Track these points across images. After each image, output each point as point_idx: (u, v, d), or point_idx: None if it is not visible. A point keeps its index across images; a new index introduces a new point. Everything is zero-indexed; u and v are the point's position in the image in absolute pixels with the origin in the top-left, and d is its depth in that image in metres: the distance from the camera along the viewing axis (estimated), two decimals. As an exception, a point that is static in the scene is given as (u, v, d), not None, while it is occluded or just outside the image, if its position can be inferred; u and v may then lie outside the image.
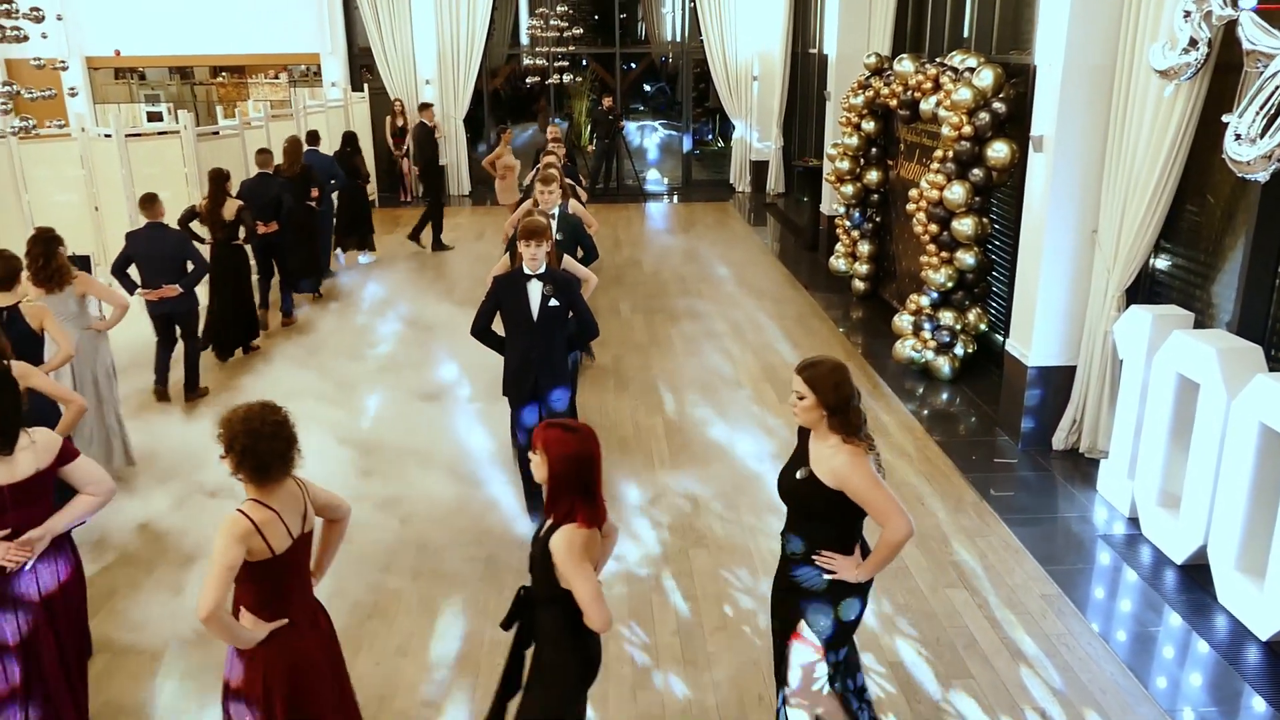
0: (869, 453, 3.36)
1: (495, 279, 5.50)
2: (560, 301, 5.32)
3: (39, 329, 5.16)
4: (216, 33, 16.41)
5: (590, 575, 2.99)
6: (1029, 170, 6.66)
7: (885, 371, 8.34)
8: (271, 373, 8.23)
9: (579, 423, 3.20)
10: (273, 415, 3.07)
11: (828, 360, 3.39)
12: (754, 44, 16.84)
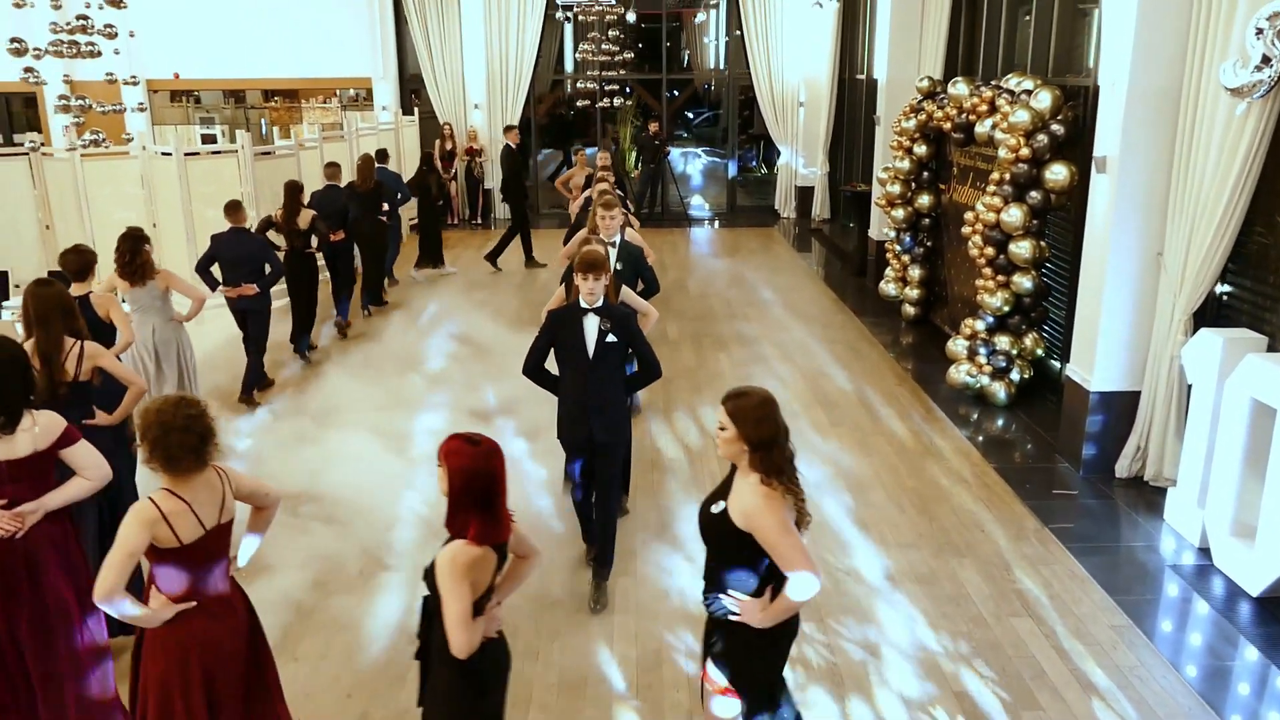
0: (787, 497, 3.12)
1: (549, 314, 5.15)
2: (618, 338, 4.98)
3: (105, 317, 5.48)
4: (271, 57, 16.72)
5: (462, 596, 2.86)
6: (1091, 192, 6.54)
7: (938, 396, 8.21)
8: (329, 377, 8.57)
9: (483, 436, 3.03)
10: (186, 409, 3.16)
11: (756, 393, 3.17)
12: (800, 70, 16.83)
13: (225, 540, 3.32)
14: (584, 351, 4.97)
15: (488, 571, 2.99)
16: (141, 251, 6.27)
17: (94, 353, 4.55)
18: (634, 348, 5.10)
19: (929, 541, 5.75)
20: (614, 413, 5.10)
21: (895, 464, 6.86)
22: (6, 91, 17.00)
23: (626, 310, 5.19)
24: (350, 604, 5.09)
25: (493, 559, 3.00)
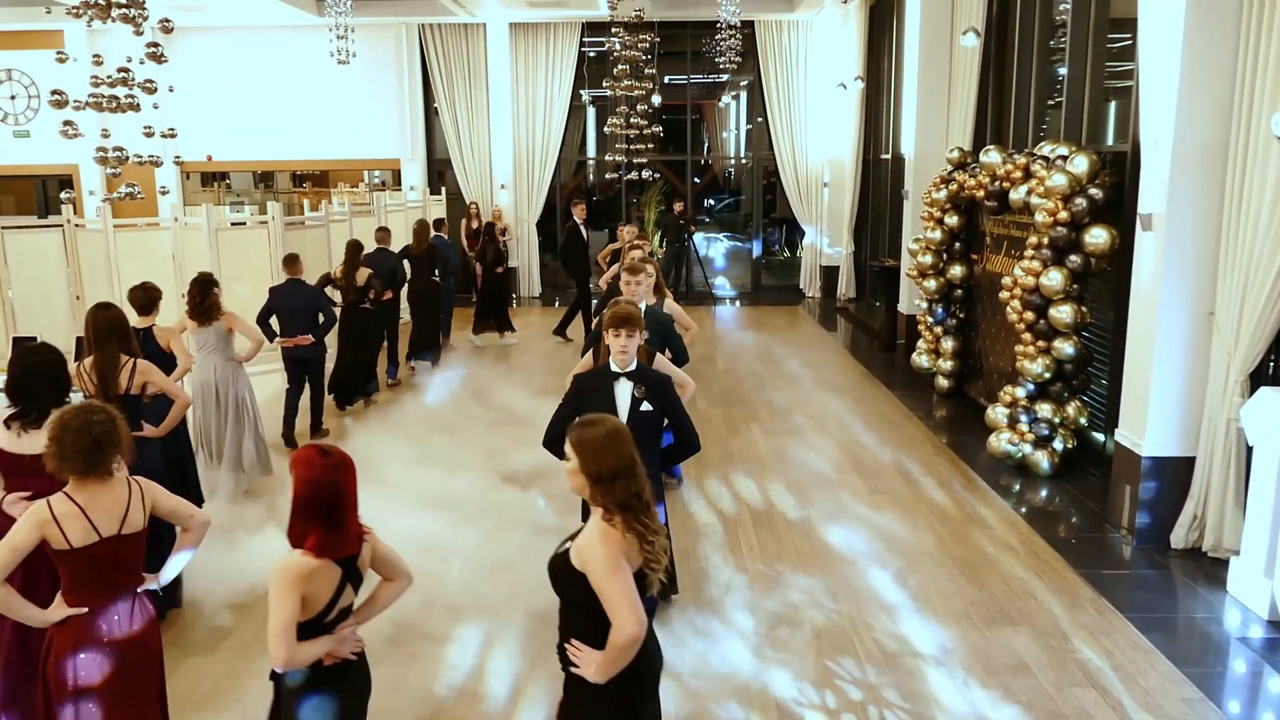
0: (628, 537, 2.82)
1: (576, 378, 4.69)
2: (654, 405, 4.46)
3: (166, 347, 6.13)
4: (303, 139, 17.01)
5: (287, 607, 2.82)
6: (1137, 251, 6.40)
7: (978, 466, 7.96)
8: (366, 430, 8.81)
9: (334, 448, 3.00)
10: (90, 415, 3.22)
11: (606, 423, 2.94)
12: (824, 151, 16.98)
13: (128, 552, 3.32)
14: None
15: (326, 586, 2.93)
16: (211, 294, 6.85)
17: (145, 369, 5.06)
18: (670, 417, 4.57)
19: (980, 610, 5.46)
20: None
21: (940, 532, 6.59)
22: (44, 174, 17.36)
23: (663, 376, 4.68)
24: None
25: (333, 574, 2.94)
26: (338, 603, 2.98)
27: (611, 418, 3.02)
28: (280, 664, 2.83)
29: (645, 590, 2.85)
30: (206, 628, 5.30)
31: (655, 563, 2.87)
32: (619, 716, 2.91)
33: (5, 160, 16.78)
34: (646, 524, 2.86)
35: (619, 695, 2.87)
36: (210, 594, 5.55)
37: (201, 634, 5.24)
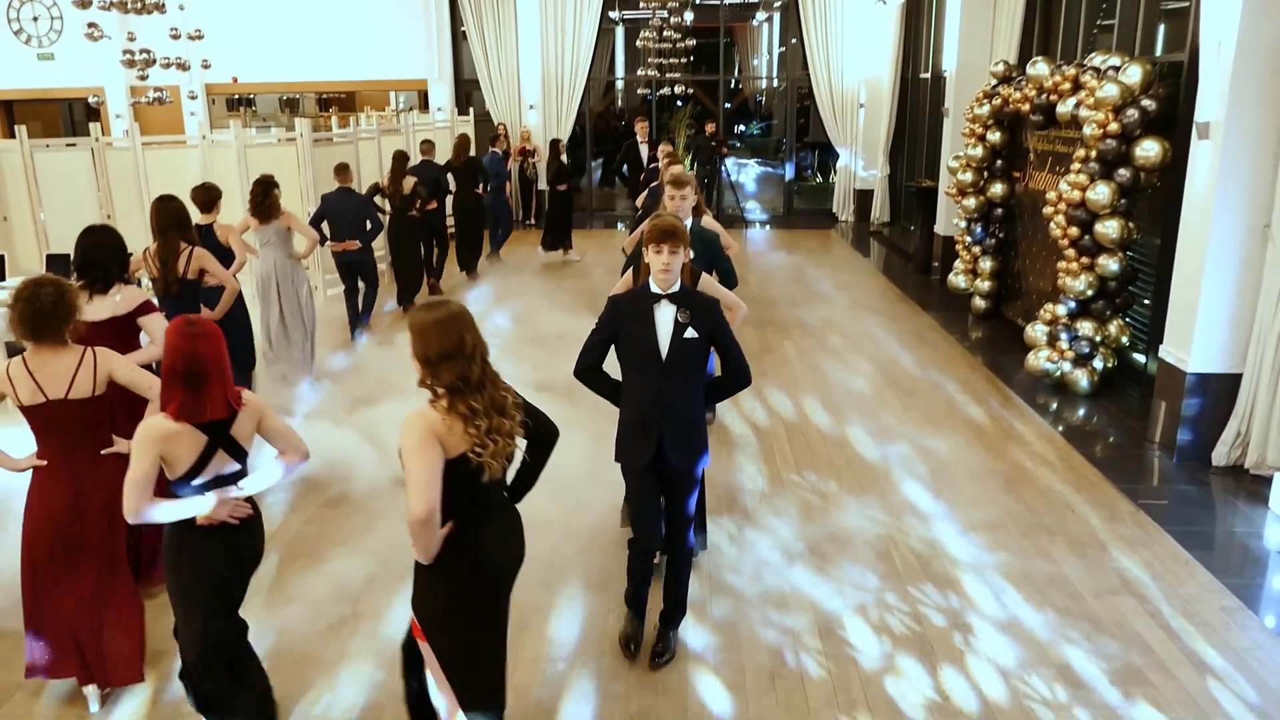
0: (449, 421, 2.83)
1: (611, 300, 4.05)
2: (699, 332, 3.87)
3: (225, 243, 6.67)
4: (329, 60, 16.76)
5: (140, 463, 3.05)
6: (1191, 161, 6.19)
7: (1015, 385, 7.85)
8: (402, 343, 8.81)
9: (201, 320, 3.19)
10: (37, 287, 3.53)
11: (444, 306, 2.91)
12: (861, 71, 16.55)
13: (78, 414, 3.65)
14: (655, 349, 3.84)
15: (189, 449, 3.12)
16: (271, 195, 7.37)
17: (200, 256, 5.59)
18: (718, 345, 3.96)
19: (1016, 520, 5.42)
20: (691, 430, 3.96)
21: (976, 446, 6.53)
22: (70, 98, 17.26)
23: (710, 299, 4.02)
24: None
25: (196, 439, 3.12)
26: (206, 467, 3.14)
27: (454, 302, 2.99)
28: (129, 515, 3.07)
29: (477, 474, 2.88)
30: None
31: (481, 447, 2.86)
32: (450, 601, 2.95)
33: (30, 84, 16.66)
34: (474, 408, 2.86)
35: (450, 580, 2.93)
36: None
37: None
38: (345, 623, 4.42)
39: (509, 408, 2.98)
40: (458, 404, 2.85)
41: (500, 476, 3.00)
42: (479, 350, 2.91)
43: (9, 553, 4.06)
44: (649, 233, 3.85)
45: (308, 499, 5.70)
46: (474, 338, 2.90)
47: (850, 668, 4.08)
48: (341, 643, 4.27)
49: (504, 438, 2.93)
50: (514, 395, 3.05)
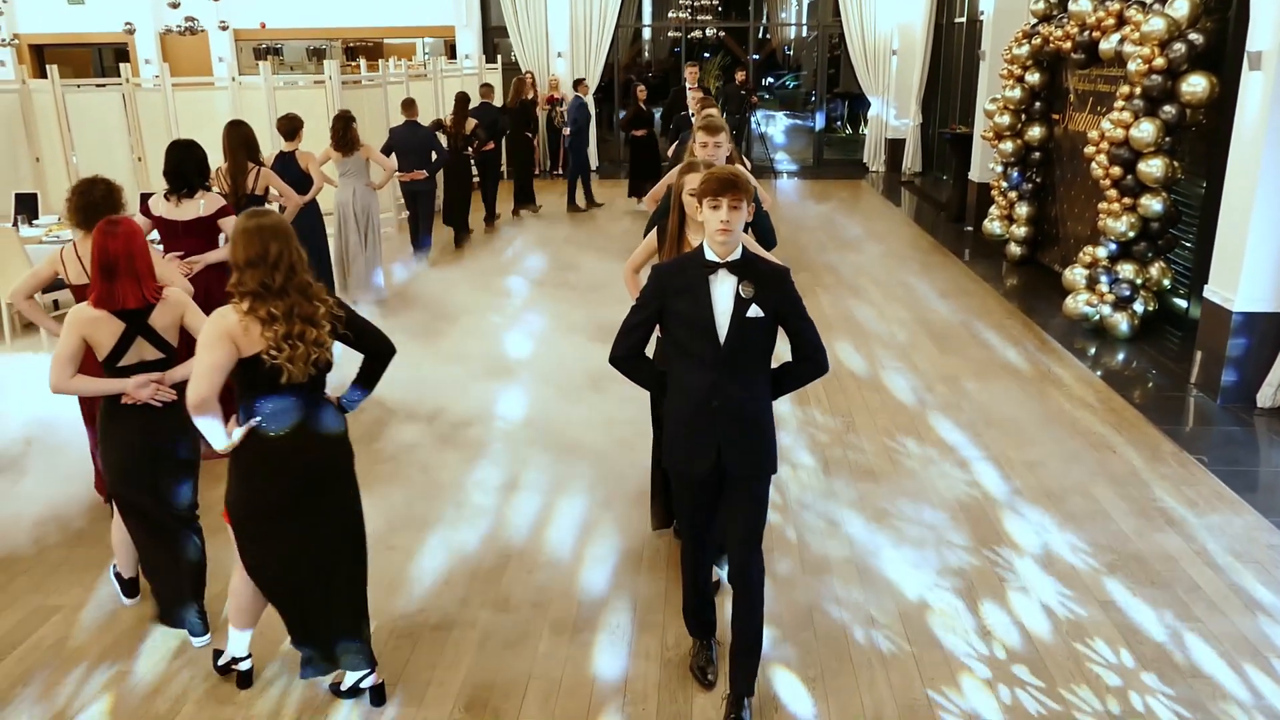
0: (245, 323, 3.00)
1: (656, 270, 3.36)
2: (764, 310, 3.09)
3: (305, 170, 7.33)
4: (356, 6, 16.64)
5: (65, 343, 3.40)
6: (1242, 93, 6.00)
7: (1052, 329, 7.73)
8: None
9: (122, 219, 3.49)
10: (90, 185, 4.11)
11: (265, 216, 3.11)
12: (894, 17, 16.21)
13: None
14: (712, 332, 3.11)
15: (108, 334, 3.42)
16: (350, 128, 8.01)
17: (266, 175, 6.29)
18: (788, 325, 3.19)
19: (1056, 460, 5.35)
20: (755, 430, 3.20)
21: (1013, 389, 6.44)
22: (99, 43, 17.24)
23: (779, 269, 3.22)
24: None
25: (115, 325, 3.43)
26: (127, 351, 3.47)
27: (274, 214, 3.14)
28: (52, 387, 3.43)
29: (274, 375, 3.05)
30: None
31: (276, 350, 3.02)
32: (244, 491, 3.19)
33: (60, 28, 16.65)
34: (273, 314, 3.02)
35: (245, 471, 3.17)
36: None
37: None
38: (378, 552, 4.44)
39: (319, 317, 3.09)
40: (258, 308, 3.02)
41: (303, 380, 3.09)
42: (285, 260, 3.04)
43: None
44: (704, 183, 3.10)
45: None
46: (283, 248, 3.04)
47: (888, 600, 4.04)
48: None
49: (306, 345, 3.06)
50: (333, 309, 3.15)
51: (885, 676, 3.57)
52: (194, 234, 5.26)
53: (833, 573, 4.25)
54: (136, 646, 3.75)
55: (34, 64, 15.83)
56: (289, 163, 7.28)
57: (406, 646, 3.74)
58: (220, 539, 3.75)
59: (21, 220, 7.85)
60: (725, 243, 3.08)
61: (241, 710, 3.39)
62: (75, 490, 4.80)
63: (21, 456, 5.16)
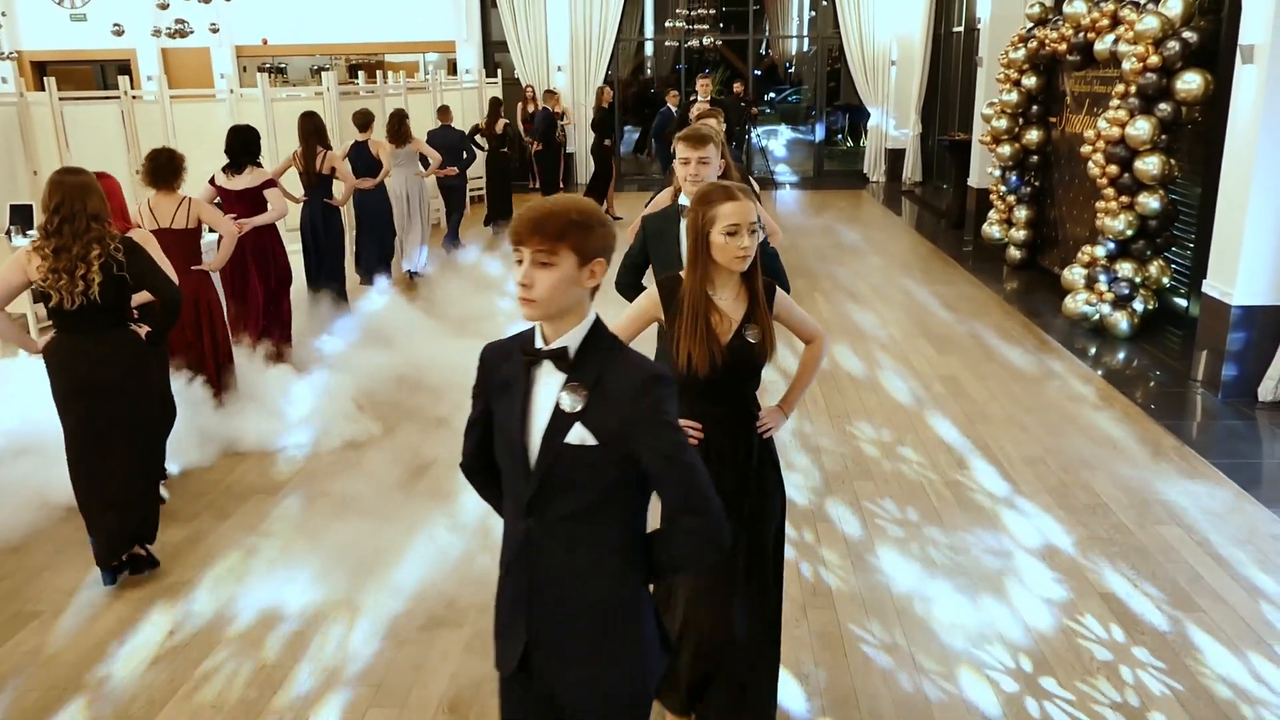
0: (34, 256, 3.82)
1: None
2: (600, 433, 1.94)
3: (375, 156, 8.61)
4: (358, 20, 16.69)
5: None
6: (1236, 86, 5.97)
7: (1052, 330, 7.67)
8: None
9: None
10: (158, 152, 5.31)
11: (73, 173, 3.95)
12: (892, 28, 16.24)
13: (177, 239, 5.26)
14: (521, 455, 2.06)
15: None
16: (404, 124, 9.25)
17: (331, 158, 7.65)
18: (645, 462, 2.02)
19: (1056, 456, 5.29)
20: (592, 631, 2.04)
21: (1012, 387, 6.39)
22: (102, 59, 17.32)
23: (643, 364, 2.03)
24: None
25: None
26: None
27: (84, 174, 3.96)
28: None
29: (51, 299, 3.84)
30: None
31: (44, 281, 3.81)
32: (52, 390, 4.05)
33: (63, 44, 16.73)
34: (45, 252, 3.80)
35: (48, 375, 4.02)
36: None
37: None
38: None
39: (91, 258, 3.80)
40: (41, 246, 3.84)
41: (73, 307, 3.82)
42: (65, 209, 3.80)
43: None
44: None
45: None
46: (64, 198, 3.80)
47: (885, 598, 3.98)
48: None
49: (72, 278, 3.80)
50: (113, 253, 3.85)
51: (881, 672, 3.50)
52: (244, 201, 6.44)
53: (829, 569, 4.19)
54: (115, 652, 3.69)
55: (35, 80, 15.90)
56: (362, 150, 8.56)
57: (391, 647, 3.69)
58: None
59: (15, 231, 7.85)
60: (531, 312, 1.96)
61: (220, 714, 3.33)
62: (56, 496, 4.74)
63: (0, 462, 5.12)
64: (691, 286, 2.73)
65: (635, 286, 3.67)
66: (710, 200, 2.69)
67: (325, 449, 5.51)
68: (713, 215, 2.67)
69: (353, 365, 6.58)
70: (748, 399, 2.91)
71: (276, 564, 4.29)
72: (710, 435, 2.80)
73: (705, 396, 2.79)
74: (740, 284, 2.78)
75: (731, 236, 2.63)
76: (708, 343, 2.70)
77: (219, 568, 4.27)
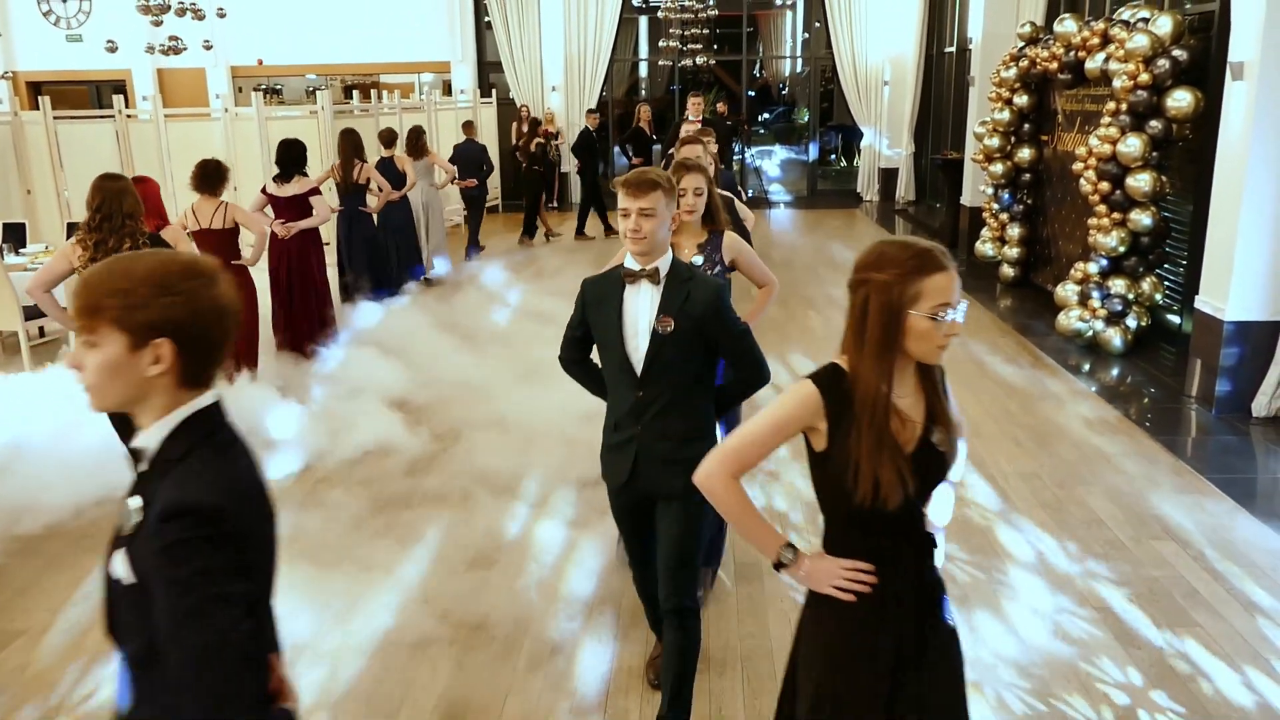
0: (77, 247, 4.52)
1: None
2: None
3: (401, 170, 9.40)
4: (353, 41, 16.73)
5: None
6: (1226, 103, 6.01)
7: (1045, 347, 7.68)
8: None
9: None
10: (206, 160, 6.16)
11: (113, 179, 4.60)
12: (885, 48, 16.35)
13: (218, 238, 6.05)
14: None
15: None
16: (421, 139, 10.09)
17: (367, 169, 8.54)
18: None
19: (1051, 472, 5.27)
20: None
21: (1006, 404, 6.38)
22: (97, 80, 17.35)
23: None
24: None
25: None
26: None
27: (116, 178, 4.68)
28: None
29: None
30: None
31: (84, 268, 4.26)
32: None
33: (58, 65, 16.75)
34: (87, 244, 4.51)
35: None
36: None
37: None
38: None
39: (122, 250, 4.26)
40: (84, 238, 4.52)
41: None
42: (104, 209, 4.48)
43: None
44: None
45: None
46: (105, 201, 4.48)
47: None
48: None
49: None
50: (140, 248, 4.05)
51: (876, 685, 3.46)
52: (292, 207, 7.05)
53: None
54: (100, 672, 3.64)
55: (30, 100, 15.92)
56: (389, 164, 9.33)
57: (379, 664, 3.65)
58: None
59: (8, 249, 7.84)
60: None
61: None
62: (43, 513, 4.71)
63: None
64: (869, 385, 1.99)
65: (582, 364, 3.19)
66: (912, 269, 1.97)
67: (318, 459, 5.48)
68: (916, 291, 1.95)
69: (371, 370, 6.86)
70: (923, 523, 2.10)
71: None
72: (885, 578, 2.07)
73: (885, 531, 2.07)
74: (917, 374, 2.09)
75: (938, 322, 1.97)
76: (895, 461, 1.98)
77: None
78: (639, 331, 2.93)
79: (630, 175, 2.88)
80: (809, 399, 2.05)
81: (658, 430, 2.95)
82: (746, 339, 3.00)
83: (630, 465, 2.99)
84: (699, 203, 3.72)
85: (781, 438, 2.10)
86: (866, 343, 1.99)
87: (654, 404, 2.94)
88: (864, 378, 2.00)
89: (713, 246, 3.79)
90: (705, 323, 2.90)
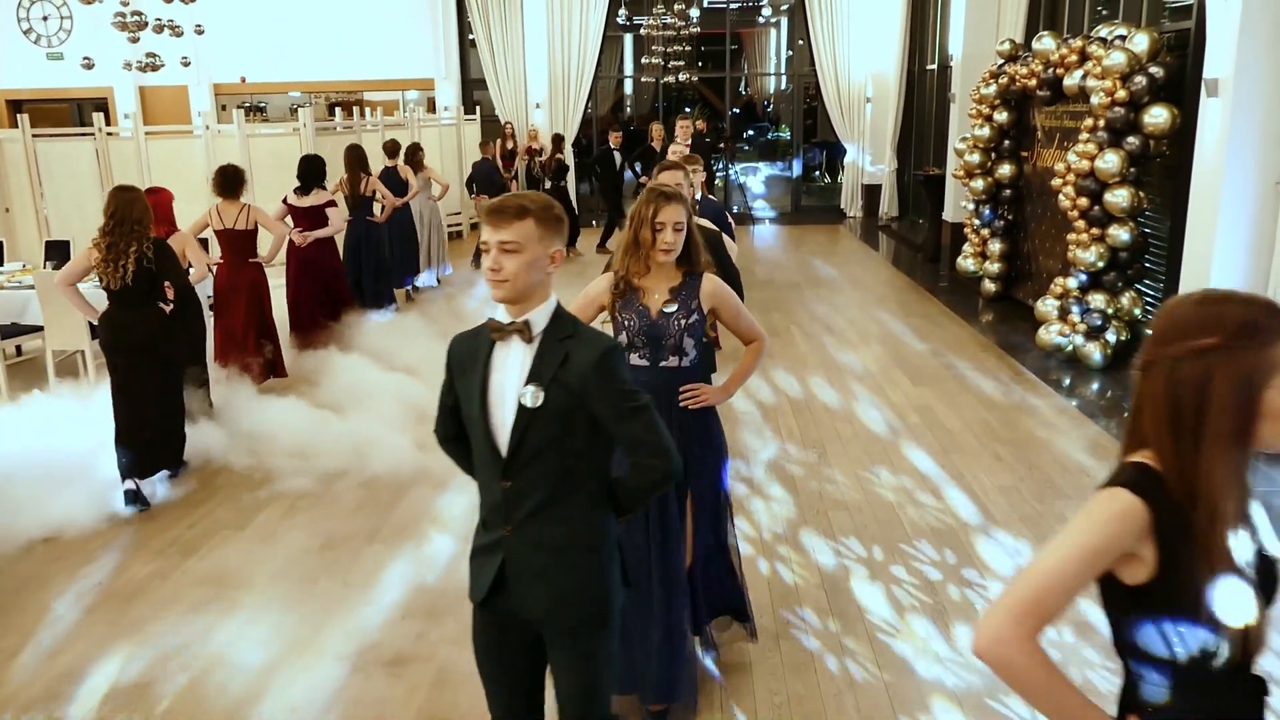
0: (94, 249, 5.02)
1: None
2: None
3: (404, 179, 9.93)
4: (336, 58, 16.72)
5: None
6: (1201, 119, 6.08)
7: (1026, 361, 7.71)
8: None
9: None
10: (226, 167, 6.68)
11: (126, 190, 5.11)
12: (867, 65, 16.46)
13: (240, 237, 6.67)
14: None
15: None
16: (418, 154, 10.44)
17: (373, 181, 9.07)
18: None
19: (1031, 485, 5.28)
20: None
21: (986, 418, 6.39)
22: (78, 98, 17.30)
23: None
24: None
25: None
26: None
27: (129, 188, 5.27)
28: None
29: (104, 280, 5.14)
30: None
31: (100, 273, 5.05)
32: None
33: (39, 84, 16.69)
34: (99, 245, 5.06)
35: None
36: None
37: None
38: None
39: (129, 252, 4.96)
40: (99, 241, 5.02)
41: (117, 288, 5.01)
42: (117, 214, 4.99)
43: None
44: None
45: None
46: (118, 208, 4.99)
47: (859, 626, 3.94)
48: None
49: (114, 267, 4.98)
50: (146, 251, 4.98)
51: (855, 703, 3.46)
52: (310, 217, 7.62)
53: (803, 602, 4.15)
54: (70, 691, 3.59)
55: (10, 118, 15.86)
56: (392, 174, 9.89)
57: (357, 683, 3.61)
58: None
59: (-13, 265, 7.78)
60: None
61: (183, 746, 3.25)
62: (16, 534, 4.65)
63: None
64: (1218, 489, 1.53)
65: (458, 440, 2.43)
66: (1270, 333, 1.50)
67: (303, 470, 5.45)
68: (1275, 360, 1.50)
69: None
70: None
71: (241, 600, 4.21)
72: None
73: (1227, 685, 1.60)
74: None
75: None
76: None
77: (183, 604, 4.18)
78: (504, 403, 2.26)
79: (496, 200, 2.26)
80: (1132, 515, 1.54)
81: (533, 535, 2.28)
82: (642, 416, 2.25)
83: (493, 576, 2.31)
84: (678, 240, 3.15)
85: (1094, 572, 1.57)
86: (1209, 435, 1.51)
87: (526, 499, 2.26)
88: (1211, 480, 1.52)
89: (688, 292, 3.19)
90: (585, 394, 2.22)
